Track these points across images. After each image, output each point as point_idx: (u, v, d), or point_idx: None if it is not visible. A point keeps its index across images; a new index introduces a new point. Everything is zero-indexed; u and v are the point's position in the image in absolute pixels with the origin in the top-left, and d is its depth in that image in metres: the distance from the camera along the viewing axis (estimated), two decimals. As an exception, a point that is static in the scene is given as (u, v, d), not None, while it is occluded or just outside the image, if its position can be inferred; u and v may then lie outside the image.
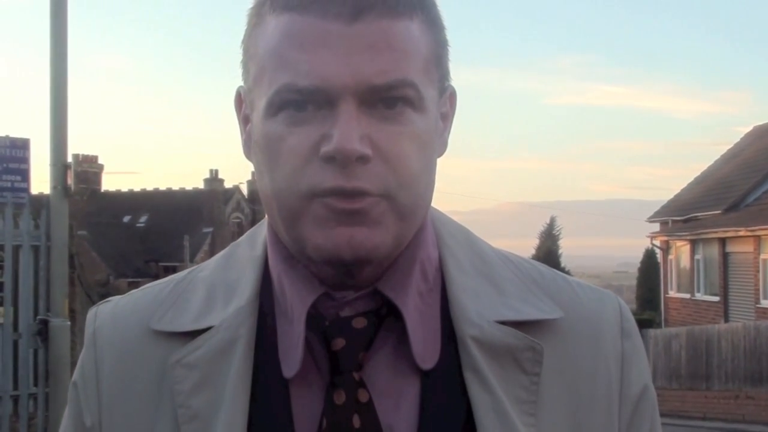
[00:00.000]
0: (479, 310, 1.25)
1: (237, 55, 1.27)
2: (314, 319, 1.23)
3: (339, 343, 1.21)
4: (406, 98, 1.17)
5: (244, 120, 1.28)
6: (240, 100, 1.29)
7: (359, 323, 1.22)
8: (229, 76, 1.30)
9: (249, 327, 1.24)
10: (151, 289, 1.35)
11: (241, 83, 1.28)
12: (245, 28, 1.25)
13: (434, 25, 1.23)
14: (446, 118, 1.29)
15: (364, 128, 1.15)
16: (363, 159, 1.14)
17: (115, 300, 1.37)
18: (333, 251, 1.17)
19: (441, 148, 1.27)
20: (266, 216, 1.29)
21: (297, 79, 1.15)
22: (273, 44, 1.18)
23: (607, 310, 1.33)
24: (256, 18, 1.22)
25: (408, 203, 1.18)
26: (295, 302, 1.24)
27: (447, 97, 1.28)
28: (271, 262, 1.28)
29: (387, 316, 1.23)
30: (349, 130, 1.13)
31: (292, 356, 1.22)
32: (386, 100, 1.16)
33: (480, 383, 1.22)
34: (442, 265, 1.29)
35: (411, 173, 1.18)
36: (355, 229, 1.16)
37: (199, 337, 1.25)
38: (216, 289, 1.30)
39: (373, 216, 1.16)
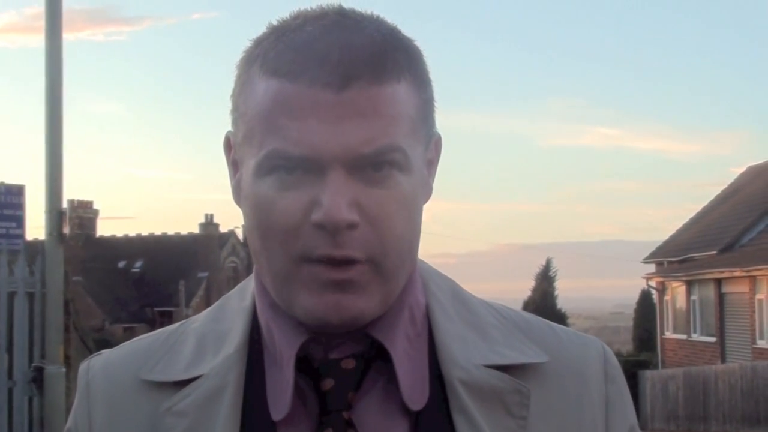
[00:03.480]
0: (466, 355, 1.27)
1: (228, 102, 1.28)
2: (303, 362, 1.24)
3: (328, 383, 1.23)
4: (393, 162, 1.19)
5: (234, 165, 1.29)
6: (229, 146, 1.30)
7: (348, 364, 1.24)
8: (224, 122, 1.31)
9: (237, 373, 1.26)
10: (142, 340, 1.37)
11: (231, 129, 1.29)
12: (234, 81, 1.27)
13: (421, 82, 1.24)
14: (431, 164, 1.31)
15: (352, 194, 1.17)
16: (351, 226, 1.17)
17: (106, 353, 1.38)
18: (321, 316, 1.19)
19: (426, 195, 1.29)
20: (254, 266, 1.30)
21: (287, 147, 1.17)
22: (263, 109, 1.20)
23: (591, 355, 1.34)
24: (245, 76, 1.24)
25: (392, 266, 1.21)
26: (284, 346, 1.25)
27: (432, 144, 1.30)
28: (258, 310, 1.30)
29: (375, 358, 1.25)
30: (337, 199, 1.16)
31: (281, 399, 1.23)
32: (374, 164, 1.18)
33: (469, 425, 1.23)
34: (428, 312, 1.31)
35: (396, 237, 1.20)
36: (342, 295, 1.18)
37: (188, 386, 1.26)
38: (206, 339, 1.31)
39: (359, 283, 1.19)
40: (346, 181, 1.17)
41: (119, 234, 69.04)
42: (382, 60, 1.19)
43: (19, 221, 10.30)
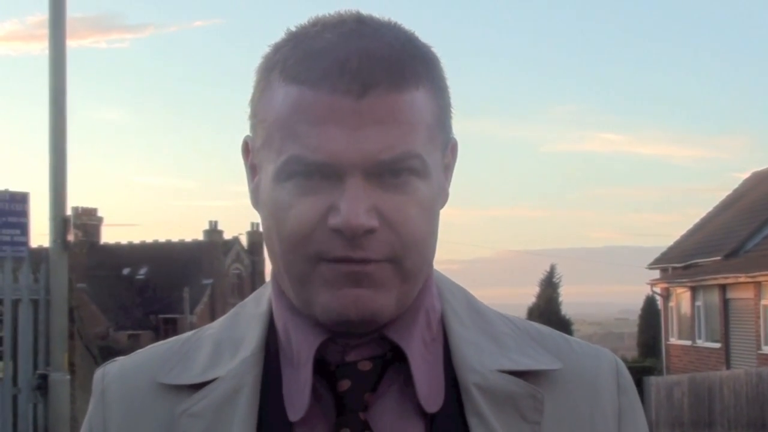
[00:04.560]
0: (481, 360, 1.27)
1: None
2: (320, 364, 1.25)
3: (344, 384, 1.24)
4: (411, 168, 1.20)
5: (252, 169, 1.30)
6: (247, 150, 1.31)
7: (365, 366, 1.25)
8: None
9: (254, 376, 1.27)
10: (158, 347, 1.38)
11: (249, 134, 1.30)
12: (253, 86, 1.27)
13: (438, 89, 1.25)
14: (448, 168, 1.32)
15: (370, 200, 1.18)
16: (370, 232, 1.17)
17: (121, 359, 1.39)
18: (340, 311, 1.20)
19: (443, 200, 1.30)
20: (271, 270, 1.31)
21: (306, 153, 1.18)
22: (282, 115, 1.20)
23: (604, 367, 1.35)
24: (265, 82, 1.24)
25: (412, 267, 1.22)
26: (302, 348, 1.26)
27: (449, 149, 1.30)
28: (276, 313, 1.31)
29: (392, 360, 1.26)
30: (356, 205, 1.16)
31: (298, 400, 1.24)
32: (392, 171, 1.19)
33: (484, 428, 1.24)
34: (443, 318, 1.32)
35: (416, 239, 1.21)
36: (361, 290, 1.19)
37: (205, 388, 1.27)
38: (222, 344, 1.32)
39: (378, 279, 1.19)
40: (365, 187, 1.18)
41: (123, 241, 69.22)
42: (400, 68, 1.20)
43: (24, 229, 10.31)
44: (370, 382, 1.24)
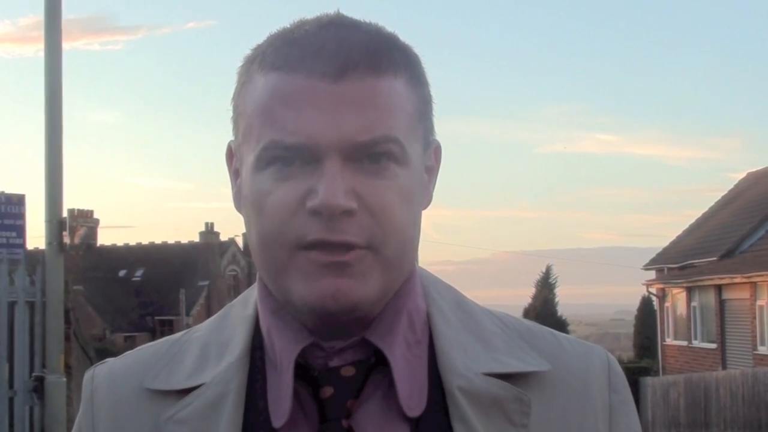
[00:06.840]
0: (466, 363, 1.26)
1: (230, 110, 1.29)
2: (303, 370, 1.24)
3: (327, 391, 1.23)
4: (390, 153, 1.20)
5: (235, 174, 1.31)
6: (231, 155, 1.32)
7: (348, 372, 1.24)
8: (222, 130, 1.33)
9: (239, 381, 1.26)
10: (146, 349, 1.38)
11: (232, 138, 1.30)
12: (235, 85, 1.29)
13: (418, 82, 1.26)
14: (431, 171, 1.31)
15: (349, 182, 1.18)
16: (348, 213, 1.17)
17: (110, 361, 1.39)
18: (318, 302, 1.19)
19: (426, 200, 1.30)
20: (257, 271, 1.30)
21: (284, 136, 1.18)
22: (261, 102, 1.21)
23: (595, 364, 1.34)
24: (245, 76, 1.26)
25: (393, 255, 1.21)
26: (284, 352, 1.25)
27: (432, 151, 1.31)
28: (260, 316, 1.30)
29: (375, 365, 1.25)
30: (334, 185, 1.16)
31: (281, 406, 1.23)
32: (371, 155, 1.19)
33: None
34: (429, 318, 1.31)
35: (396, 225, 1.20)
36: (340, 280, 1.18)
37: (190, 394, 1.27)
38: (209, 348, 1.32)
39: (358, 268, 1.19)
40: (343, 170, 1.18)
41: (120, 243, 69.03)
42: (378, 54, 1.21)
43: (19, 231, 10.32)
44: (353, 388, 1.23)
